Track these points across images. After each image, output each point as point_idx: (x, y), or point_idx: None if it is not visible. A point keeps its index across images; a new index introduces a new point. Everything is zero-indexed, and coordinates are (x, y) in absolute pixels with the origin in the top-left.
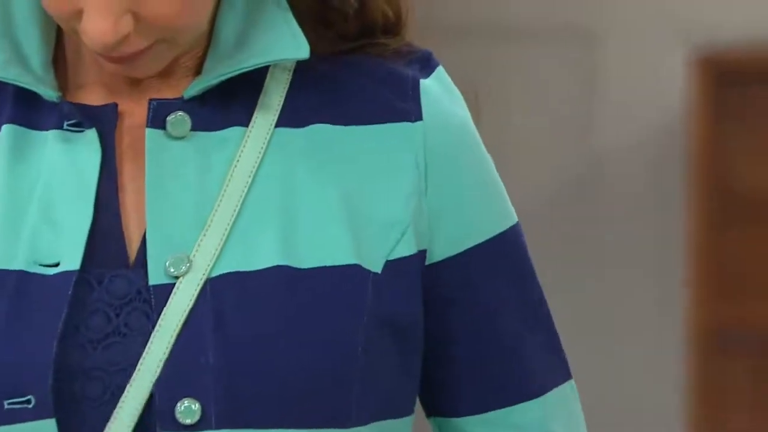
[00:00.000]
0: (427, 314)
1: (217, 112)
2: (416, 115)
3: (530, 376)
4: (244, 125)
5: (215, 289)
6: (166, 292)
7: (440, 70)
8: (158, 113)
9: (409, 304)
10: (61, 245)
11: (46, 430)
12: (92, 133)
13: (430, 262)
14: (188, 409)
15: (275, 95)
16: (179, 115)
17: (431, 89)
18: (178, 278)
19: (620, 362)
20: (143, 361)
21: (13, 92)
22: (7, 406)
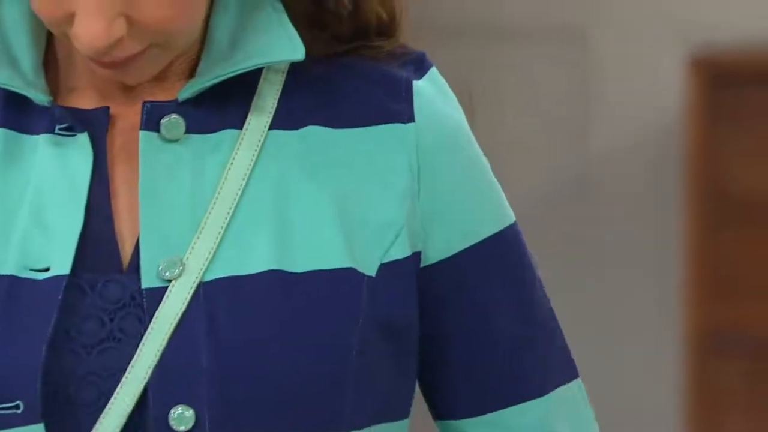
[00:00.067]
0: (422, 316)
1: (211, 114)
2: (408, 116)
3: (529, 376)
4: (237, 128)
5: (208, 293)
6: (158, 295)
7: (434, 71)
8: (152, 115)
9: (404, 306)
10: (51, 250)
11: None
12: (84, 137)
13: (424, 264)
14: (181, 416)
15: (269, 97)
16: (173, 117)
17: (424, 90)
18: (171, 282)
19: (616, 363)
20: (133, 365)
21: (3, 96)
22: None
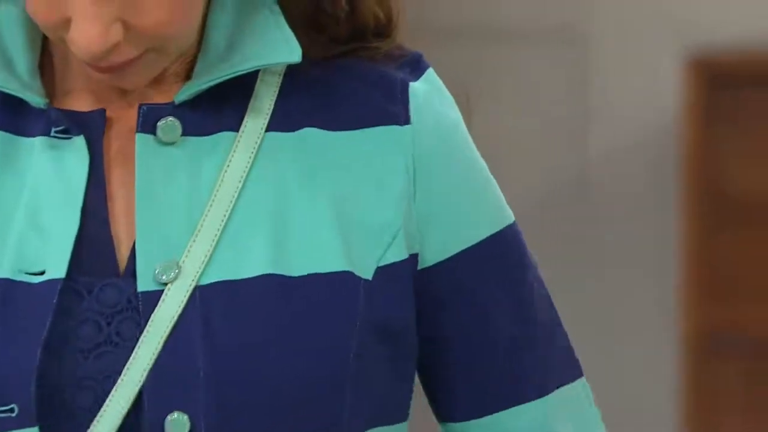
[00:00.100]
0: (420, 319)
1: (207, 116)
2: (405, 118)
3: (528, 377)
4: (234, 130)
5: (204, 296)
6: (154, 299)
7: (430, 72)
8: (148, 118)
9: (401, 309)
10: (47, 253)
11: None
12: (80, 140)
13: (421, 266)
14: (177, 421)
15: (266, 99)
16: (170, 120)
17: (420, 92)
18: (166, 285)
19: (614, 364)
20: (128, 368)
21: None
22: None
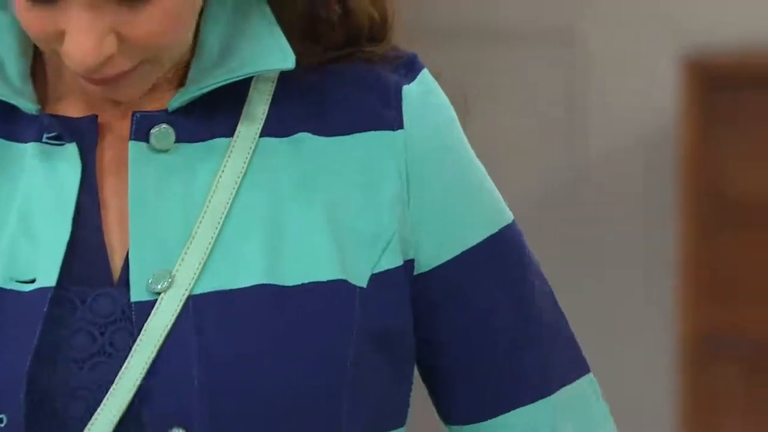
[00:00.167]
0: (418, 323)
1: (201, 123)
2: (398, 123)
3: (529, 378)
4: (228, 136)
5: (198, 306)
6: (147, 309)
7: (424, 73)
8: (141, 126)
9: (397, 316)
10: (37, 262)
11: None
12: (72, 147)
13: (418, 272)
14: None
15: (259, 105)
16: (163, 127)
17: (414, 94)
18: (160, 295)
19: (611, 365)
20: (120, 378)
21: None
22: None
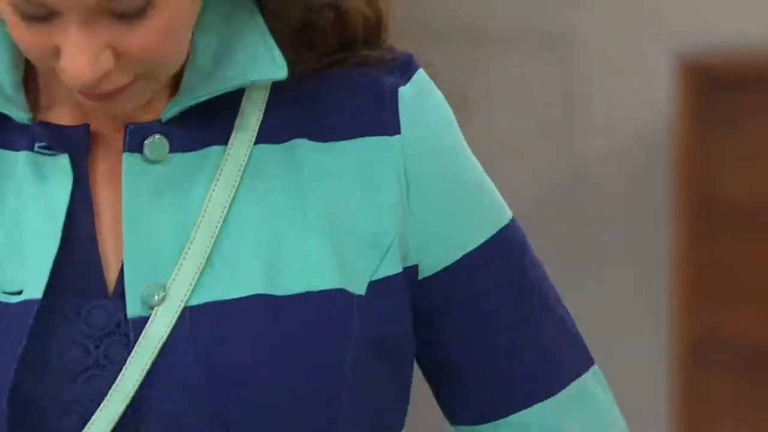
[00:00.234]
0: (421, 326)
1: (194, 132)
2: (395, 128)
3: (532, 379)
4: (222, 144)
5: (194, 318)
6: (143, 322)
7: (420, 73)
8: (135, 137)
9: (395, 322)
10: (25, 273)
11: None
12: (64, 158)
13: (422, 276)
14: None
15: (253, 113)
16: (156, 138)
17: (410, 97)
18: (154, 308)
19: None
20: (113, 392)
21: None
22: None
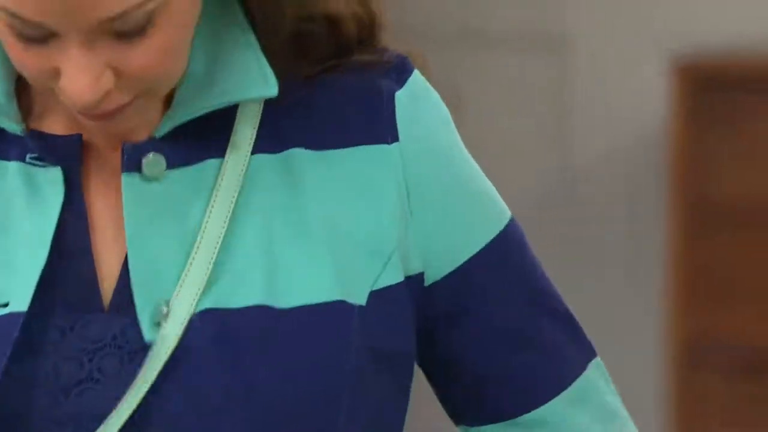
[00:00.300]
0: (428, 331)
1: (190, 146)
2: (392, 135)
3: (537, 378)
4: (219, 157)
5: (196, 331)
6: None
7: (415, 75)
8: (132, 157)
9: (397, 331)
10: (10, 286)
11: None
12: (56, 171)
13: (429, 282)
14: None
15: (248, 124)
16: (152, 156)
17: (406, 100)
18: (160, 324)
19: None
20: (121, 405)
21: None
22: None
